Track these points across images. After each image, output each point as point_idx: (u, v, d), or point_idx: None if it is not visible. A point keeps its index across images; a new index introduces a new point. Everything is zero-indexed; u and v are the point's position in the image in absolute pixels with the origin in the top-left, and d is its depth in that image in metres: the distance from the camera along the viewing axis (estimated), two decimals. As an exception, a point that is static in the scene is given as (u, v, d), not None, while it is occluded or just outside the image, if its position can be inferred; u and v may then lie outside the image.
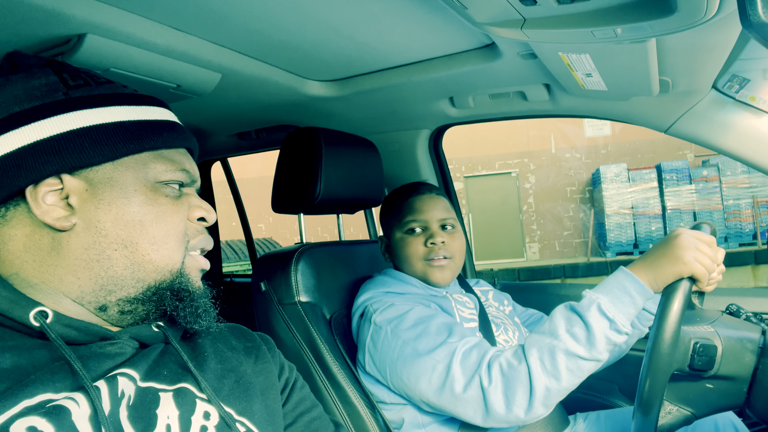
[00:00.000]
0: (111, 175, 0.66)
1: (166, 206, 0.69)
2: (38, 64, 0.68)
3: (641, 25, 0.81)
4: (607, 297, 0.95)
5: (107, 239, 0.64)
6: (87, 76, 0.69)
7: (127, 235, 0.65)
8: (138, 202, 0.66)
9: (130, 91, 0.72)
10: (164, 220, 0.68)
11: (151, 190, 0.68)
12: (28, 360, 0.57)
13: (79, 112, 0.65)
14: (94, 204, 0.64)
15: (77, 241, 0.63)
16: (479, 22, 0.89)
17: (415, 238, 1.29)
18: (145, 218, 0.66)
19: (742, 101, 1.24)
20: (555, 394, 0.96)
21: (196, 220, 0.73)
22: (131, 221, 0.66)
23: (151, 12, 0.90)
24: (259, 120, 1.67)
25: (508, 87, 1.42)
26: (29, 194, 0.62)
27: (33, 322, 0.59)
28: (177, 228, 0.69)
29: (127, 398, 0.60)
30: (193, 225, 0.73)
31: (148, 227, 0.67)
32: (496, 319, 1.32)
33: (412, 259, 1.29)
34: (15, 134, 0.62)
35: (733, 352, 0.88)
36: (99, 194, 0.65)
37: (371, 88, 1.35)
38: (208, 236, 0.75)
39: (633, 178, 10.06)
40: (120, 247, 0.65)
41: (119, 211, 0.65)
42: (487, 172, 11.80)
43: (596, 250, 10.92)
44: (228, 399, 0.70)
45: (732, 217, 9.63)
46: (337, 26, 1.01)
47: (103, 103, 0.67)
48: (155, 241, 0.67)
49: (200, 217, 0.74)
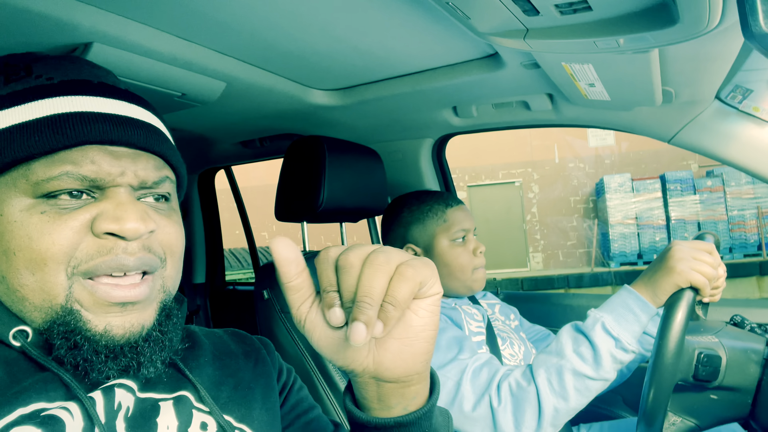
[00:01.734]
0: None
1: (35, 227, 0.55)
2: None
3: (644, 35, 0.81)
4: (611, 316, 0.96)
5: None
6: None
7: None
8: (3, 228, 0.55)
9: (41, 82, 0.59)
10: (30, 245, 0.54)
11: (21, 211, 0.55)
12: (18, 370, 0.56)
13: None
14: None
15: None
16: (482, 32, 0.90)
17: (464, 247, 1.31)
18: (9, 246, 0.55)
19: (745, 111, 1.24)
20: (563, 414, 0.96)
21: (102, 234, 0.56)
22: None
23: (157, 21, 0.91)
24: (263, 128, 1.67)
25: (511, 97, 1.42)
26: None
27: (12, 341, 0.56)
28: (48, 252, 0.54)
29: (125, 410, 0.58)
30: (98, 241, 0.56)
31: (12, 257, 0.55)
32: (502, 332, 1.31)
33: (466, 269, 1.30)
34: None
35: (738, 363, 0.88)
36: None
37: (375, 97, 1.36)
38: (120, 256, 0.56)
39: (637, 188, 10.04)
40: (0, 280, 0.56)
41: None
42: (491, 182, 11.81)
43: (600, 260, 10.88)
44: (227, 406, 0.68)
45: (737, 227, 9.60)
46: (342, 36, 1.01)
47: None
48: (20, 271, 0.55)
49: (107, 231, 0.56)
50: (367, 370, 0.50)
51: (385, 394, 0.52)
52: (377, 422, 0.53)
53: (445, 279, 1.30)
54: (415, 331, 0.49)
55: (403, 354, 0.50)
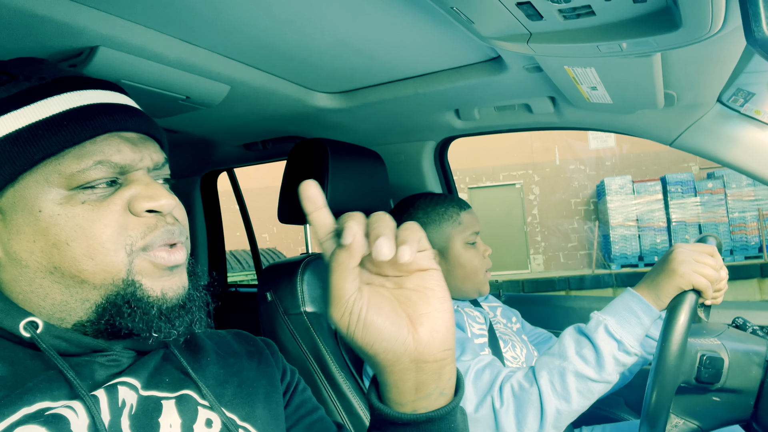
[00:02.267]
0: (14, 199, 0.58)
1: (81, 216, 0.58)
2: None
3: (646, 40, 0.81)
4: (614, 318, 0.96)
5: (30, 270, 0.58)
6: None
7: (47, 262, 0.58)
8: (45, 223, 0.57)
9: (32, 83, 0.60)
10: (82, 234, 0.57)
11: (61, 204, 0.58)
12: (23, 369, 0.57)
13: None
14: (7, 235, 0.58)
15: (7, 275, 0.59)
16: (486, 36, 0.90)
17: (477, 250, 1.33)
18: (58, 239, 0.57)
19: (747, 115, 1.24)
20: (565, 417, 0.96)
21: (144, 212, 0.61)
22: (45, 246, 0.57)
23: (162, 25, 0.91)
24: (267, 131, 1.68)
25: (514, 99, 1.43)
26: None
27: (23, 332, 0.57)
28: (102, 237, 0.58)
29: (128, 407, 0.59)
30: (141, 219, 0.61)
31: (64, 248, 0.57)
32: (504, 335, 1.32)
33: (479, 271, 1.32)
34: None
35: (740, 365, 0.88)
36: (10, 223, 0.58)
37: (378, 100, 1.36)
38: (166, 229, 0.62)
39: (638, 191, 10.04)
40: (47, 275, 0.58)
41: (29, 238, 0.57)
42: (491, 184, 11.81)
43: (601, 262, 10.88)
44: (231, 405, 0.69)
45: (737, 230, 9.59)
46: (346, 39, 1.02)
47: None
48: (77, 260, 0.57)
49: (149, 209, 0.61)
50: (408, 350, 0.49)
51: (423, 381, 0.51)
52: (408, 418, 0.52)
53: (459, 281, 1.31)
54: (432, 291, 0.50)
55: (436, 325, 0.50)
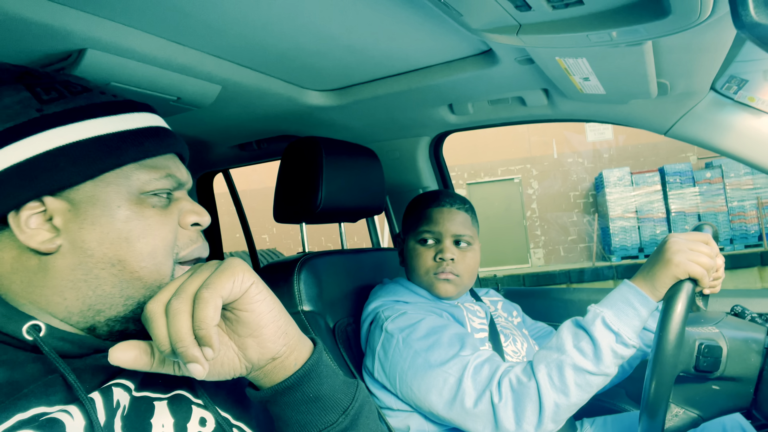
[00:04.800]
0: (92, 193, 0.63)
1: (152, 218, 0.65)
2: (10, 79, 0.65)
3: (636, 28, 0.81)
4: (612, 310, 0.96)
5: (93, 259, 0.62)
6: (62, 86, 0.66)
7: (113, 254, 0.63)
8: (123, 218, 0.63)
9: (108, 98, 0.68)
10: (151, 233, 0.65)
11: (136, 204, 0.65)
12: (22, 374, 0.57)
13: (54, 131, 0.62)
14: (77, 224, 0.62)
15: (63, 262, 0.62)
16: (475, 28, 0.90)
17: (426, 249, 1.28)
18: (131, 234, 0.63)
19: (740, 102, 1.24)
20: (564, 410, 0.96)
21: (189, 225, 0.70)
22: (117, 239, 0.63)
23: (150, 26, 0.91)
24: (260, 131, 1.68)
25: (507, 93, 1.42)
26: (11, 220, 0.60)
27: (26, 335, 0.58)
28: (165, 240, 0.66)
29: (122, 409, 0.60)
30: (186, 232, 0.70)
31: (135, 243, 0.64)
32: (505, 329, 1.31)
33: (420, 270, 1.28)
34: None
35: (739, 353, 0.88)
36: (82, 214, 0.62)
37: (370, 96, 1.36)
38: (202, 245, 0.72)
39: (636, 182, 10.03)
40: (107, 266, 0.63)
41: (104, 230, 0.62)
42: (490, 179, 11.81)
43: (601, 254, 10.88)
44: (225, 404, 0.69)
45: (737, 219, 9.59)
46: (335, 36, 1.01)
47: (79, 117, 0.64)
48: (143, 257, 0.64)
49: (194, 223, 0.70)
50: (247, 368, 0.60)
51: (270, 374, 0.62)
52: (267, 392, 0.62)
53: (411, 277, 1.32)
54: (255, 322, 0.58)
55: (261, 341, 0.59)
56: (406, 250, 1.34)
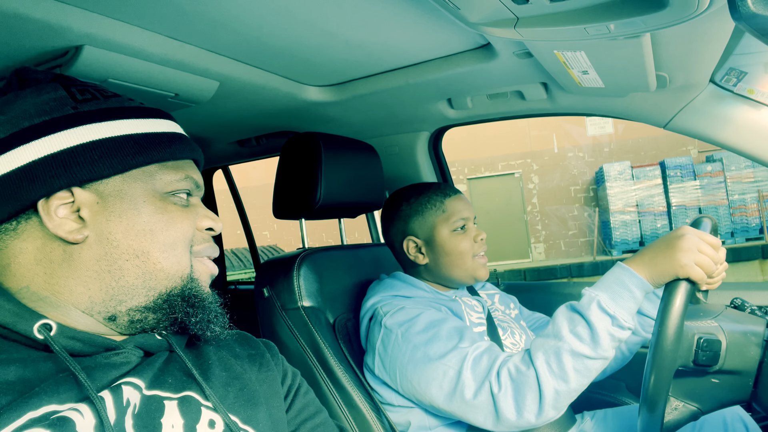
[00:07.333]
0: (120, 187, 0.67)
1: (175, 213, 0.70)
2: (46, 79, 0.69)
3: (634, 20, 0.81)
4: (607, 293, 0.95)
5: (118, 250, 0.66)
6: (95, 90, 0.71)
7: (138, 245, 0.66)
8: (148, 212, 0.68)
9: (136, 104, 0.73)
10: (174, 227, 0.70)
11: (160, 200, 0.69)
12: (34, 372, 0.58)
13: (89, 126, 0.66)
14: (105, 216, 0.65)
15: (89, 252, 0.64)
16: (473, 22, 0.89)
17: (465, 235, 1.30)
18: (155, 227, 0.68)
19: (740, 94, 1.24)
20: (564, 396, 0.95)
21: (204, 229, 0.75)
22: (142, 231, 0.67)
23: (147, 22, 0.90)
24: (259, 127, 1.67)
25: (506, 87, 1.42)
26: (41, 208, 0.63)
27: (37, 334, 0.59)
28: (185, 234, 0.71)
29: (132, 407, 0.60)
30: (200, 234, 0.74)
31: (158, 235, 0.68)
32: (503, 322, 1.32)
33: (466, 256, 1.29)
34: (26, 149, 0.63)
35: (738, 346, 0.88)
36: (110, 206, 0.66)
37: (369, 91, 1.35)
38: (213, 245, 0.77)
39: (637, 176, 10.03)
40: (132, 257, 0.66)
41: (130, 222, 0.66)
42: (490, 174, 11.80)
43: (602, 248, 10.88)
44: (233, 407, 0.70)
45: (738, 212, 9.59)
46: (333, 31, 1.01)
47: (112, 117, 0.68)
48: (165, 248, 0.68)
49: (208, 227, 0.76)
50: None
51: None
52: None
53: (448, 269, 1.30)
54: None
55: None
56: (434, 245, 1.30)
